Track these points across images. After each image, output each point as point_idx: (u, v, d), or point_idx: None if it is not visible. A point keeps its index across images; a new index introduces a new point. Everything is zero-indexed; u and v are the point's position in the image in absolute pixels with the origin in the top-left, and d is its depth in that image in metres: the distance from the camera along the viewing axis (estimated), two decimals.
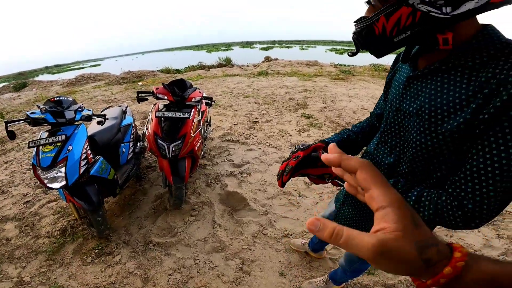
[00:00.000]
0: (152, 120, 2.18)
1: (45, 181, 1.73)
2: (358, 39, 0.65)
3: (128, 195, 2.57)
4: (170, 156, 2.06)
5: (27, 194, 2.75)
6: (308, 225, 0.27)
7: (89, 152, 1.95)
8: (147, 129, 2.25)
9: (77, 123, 1.96)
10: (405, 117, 0.70)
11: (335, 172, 0.36)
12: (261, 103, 4.94)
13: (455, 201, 0.58)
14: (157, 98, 2.18)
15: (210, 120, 3.31)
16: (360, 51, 0.69)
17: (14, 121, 1.78)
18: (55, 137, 1.78)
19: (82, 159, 1.85)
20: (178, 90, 2.24)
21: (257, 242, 2.02)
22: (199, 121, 2.32)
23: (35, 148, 1.76)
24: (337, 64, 10.06)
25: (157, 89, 2.20)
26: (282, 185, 0.86)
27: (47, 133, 1.83)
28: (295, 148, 0.89)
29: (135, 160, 2.61)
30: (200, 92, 2.32)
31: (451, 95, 0.58)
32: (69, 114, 1.92)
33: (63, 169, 1.73)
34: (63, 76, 14.94)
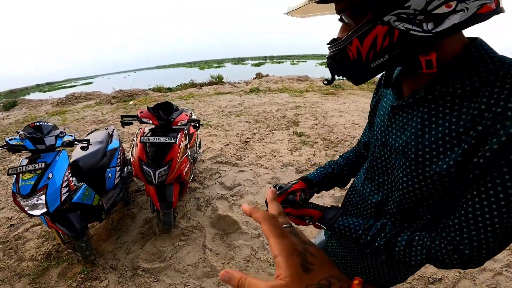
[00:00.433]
0: (137, 145, 2.12)
1: (26, 208, 1.67)
2: (332, 64, 0.58)
3: (116, 219, 2.48)
4: (156, 182, 1.99)
5: (11, 217, 2.68)
6: (221, 277, 0.30)
7: (71, 179, 1.90)
8: (132, 154, 2.19)
9: (59, 149, 1.91)
10: (392, 153, 0.63)
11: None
12: (252, 121, 4.93)
13: (450, 245, 0.53)
14: (142, 122, 2.13)
15: (200, 142, 3.26)
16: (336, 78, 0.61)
17: None
18: (34, 164, 1.73)
19: (63, 186, 1.79)
20: (163, 113, 2.19)
21: (250, 266, 1.94)
22: (186, 146, 2.26)
23: (15, 175, 1.70)
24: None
25: (141, 112, 2.15)
26: None
27: (27, 160, 1.78)
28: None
29: (122, 184, 2.53)
30: (186, 115, 2.27)
31: (440, 131, 0.50)
32: (49, 140, 1.87)
33: (43, 197, 1.68)
34: (54, 94, 14.85)
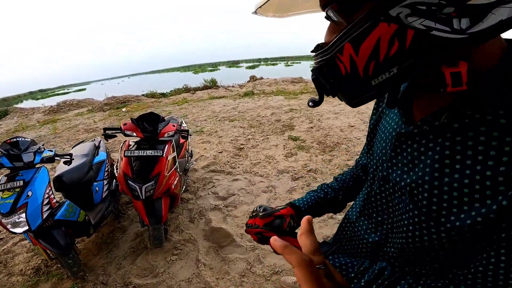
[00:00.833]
0: (121, 159, 2.01)
1: (8, 226, 1.62)
2: (317, 80, 0.43)
3: (106, 233, 2.39)
4: (143, 197, 1.89)
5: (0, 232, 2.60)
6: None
7: (52, 196, 1.82)
8: (116, 169, 2.08)
9: (39, 165, 1.83)
10: (395, 191, 0.49)
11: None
12: (246, 127, 4.83)
13: None
14: (126, 135, 2.02)
15: (191, 151, 3.15)
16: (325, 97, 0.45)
17: None
18: (13, 182, 1.67)
19: (44, 204, 1.73)
20: (148, 125, 2.08)
21: (245, 281, 1.84)
22: (174, 158, 2.16)
23: None
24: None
25: (125, 124, 2.05)
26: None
27: (6, 178, 1.72)
28: (254, 211, 0.75)
29: (111, 197, 2.44)
30: (173, 125, 2.17)
31: (468, 174, 0.36)
32: (27, 157, 1.79)
33: (23, 215, 1.62)
34: (47, 102, 14.65)
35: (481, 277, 0.38)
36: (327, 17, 0.41)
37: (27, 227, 1.61)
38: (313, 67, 0.43)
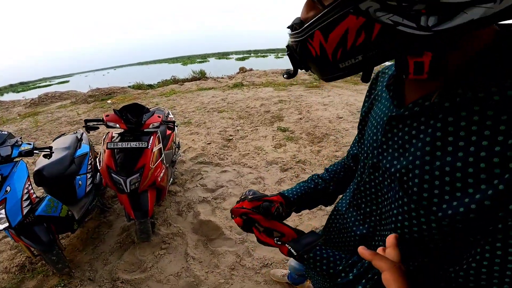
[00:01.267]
0: (104, 151, 1.94)
1: None
2: (291, 56, 0.45)
3: (91, 228, 2.32)
4: (128, 190, 1.83)
5: None
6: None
7: (32, 191, 1.76)
8: (99, 162, 2.01)
9: (17, 159, 1.75)
10: (385, 179, 0.47)
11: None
12: (235, 118, 4.77)
13: None
14: (108, 126, 1.94)
15: (179, 143, 3.09)
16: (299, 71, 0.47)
17: None
18: None
19: (24, 199, 1.66)
20: (131, 116, 2.01)
21: (235, 274, 1.84)
22: (160, 150, 2.10)
23: None
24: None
25: (107, 116, 1.96)
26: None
27: None
28: (243, 195, 0.72)
29: (95, 191, 2.37)
30: (159, 116, 2.10)
31: (461, 157, 0.34)
32: (4, 150, 1.71)
33: (3, 211, 1.56)
34: (28, 95, 14.06)
35: (474, 274, 0.36)
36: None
37: (7, 224, 1.55)
38: (288, 44, 0.45)
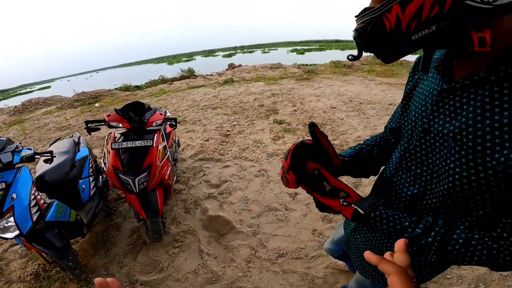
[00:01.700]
0: (108, 152, 1.90)
1: None
2: (361, 37, 0.49)
3: (99, 231, 2.29)
4: (137, 190, 1.81)
5: None
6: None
7: (39, 197, 1.70)
8: (104, 163, 1.97)
9: (18, 165, 1.69)
10: (436, 141, 0.54)
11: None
12: (230, 113, 4.76)
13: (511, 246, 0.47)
14: (111, 126, 1.90)
15: (178, 140, 3.06)
16: (363, 53, 0.52)
17: None
18: None
19: (32, 205, 1.62)
20: (134, 115, 1.97)
21: (252, 267, 1.86)
22: (165, 147, 2.08)
23: None
24: (300, 64, 10.22)
25: (109, 116, 1.92)
26: (293, 184, 0.62)
27: None
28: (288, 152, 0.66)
29: (99, 195, 2.34)
30: (161, 113, 2.08)
31: (507, 115, 0.42)
32: (5, 157, 1.64)
33: (11, 219, 1.51)
34: (10, 102, 13.53)
35: None
36: None
37: (18, 232, 1.50)
38: (356, 27, 0.50)
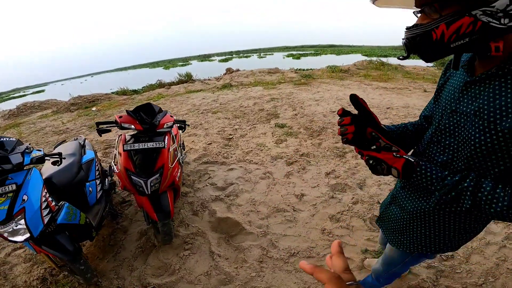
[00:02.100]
0: (120, 154, 1.91)
1: (5, 235, 1.48)
2: (410, 44, 0.69)
3: (106, 235, 2.28)
4: (149, 192, 1.82)
5: None
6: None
7: (50, 199, 1.68)
8: (115, 165, 1.97)
9: (28, 167, 1.67)
10: (461, 118, 0.74)
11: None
12: (231, 117, 4.79)
13: None
14: (122, 128, 1.91)
15: (183, 143, 3.07)
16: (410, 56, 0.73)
17: None
18: (3, 187, 1.50)
19: (43, 208, 1.59)
20: (146, 116, 2.00)
21: (265, 267, 1.87)
22: (175, 149, 2.09)
23: None
24: (297, 69, 10.34)
25: (120, 117, 1.93)
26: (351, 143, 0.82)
27: None
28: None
29: (106, 197, 2.33)
30: (171, 116, 2.10)
31: (509, 97, 0.63)
32: (16, 158, 1.61)
33: (22, 221, 1.49)
34: (3, 106, 13.32)
35: None
36: (421, 11, 0.67)
37: (28, 235, 1.48)
38: (407, 37, 0.70)
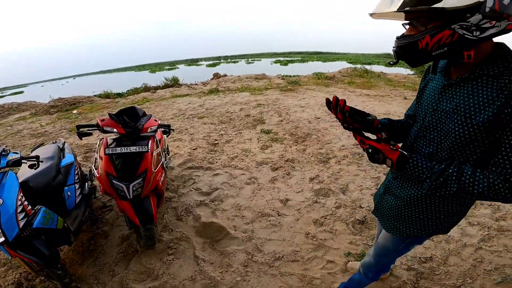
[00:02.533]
0: (101, 158, 1.87)
1: None
2: (400, 51, 0.82)
3: (85, 240, 2.22)
4: (131, 196, 1.78)
5: None
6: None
7: (26, 203, 1.64)
8: (96, 169, 1.93)
9: (3, 170, 1.62)
10: (442, 115, 0.87)
11: None
12: (217, 123, 4.79)
13: (501, 177, 0.73)
14: (104, 131, 1.88)
15: (167, 148, 3.04)
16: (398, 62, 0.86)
17: None
18: None
19: (18, 212, 1.55)
20: (129, 120, 1.96)
21: (250, 271, 1.88)
22: (159, 153, 2.07)
23: None
24: (284, 75, 10.49)
25: (102, 121, 1.89)
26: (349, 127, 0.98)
27: None
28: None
29: (85, 202, 2.26)
30: (155, 120, 2.08)
31: (481, 96, 0.76)
32: None
33: None
34: None
35: (502, 158, 0.74)
36: (410, 23, 0.79)
37: (2, 238, 1.43)
38: (397, 45, 0.82)
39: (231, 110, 5.58)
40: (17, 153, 1.71)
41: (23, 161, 1.71)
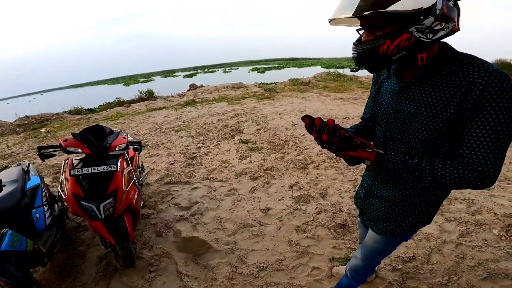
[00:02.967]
0: (67, 179, 1.77)
1: None
2: (361, 57, 0.82)
3: (61, 261, 2.12)
4: (102, 216, 1.70)
5: None
6: None
7: None
8: (62, 190, 1.82)
9: None
10: (405, 116, 0.90)
11: None
12: (195, 135, 4.72)
13: (469, 166, 0.77)
14: (68, 152, 1.78)
15: (142, 165, 2.94)
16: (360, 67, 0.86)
17: None
18: None
19: None
20: (94, 139, 1.87)
21: (235, 283, 1.84)
22: (130, 171, 1.99)
23: None
24: (261, 83, 10.60)
25: (65, 141, 1.79)
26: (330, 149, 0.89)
27: None
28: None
29: (58, 223, 2.18)
30: (124, 137, 2.00)
31: (438, 95, 0.80)
32: None
33: None
34: None
35: (470, 147, 0.76)
36: (365, 28, 0.81)
37: None
38: (358, 51, 0.82)
39: (208, 121, 5.53)
40: None
41: None
